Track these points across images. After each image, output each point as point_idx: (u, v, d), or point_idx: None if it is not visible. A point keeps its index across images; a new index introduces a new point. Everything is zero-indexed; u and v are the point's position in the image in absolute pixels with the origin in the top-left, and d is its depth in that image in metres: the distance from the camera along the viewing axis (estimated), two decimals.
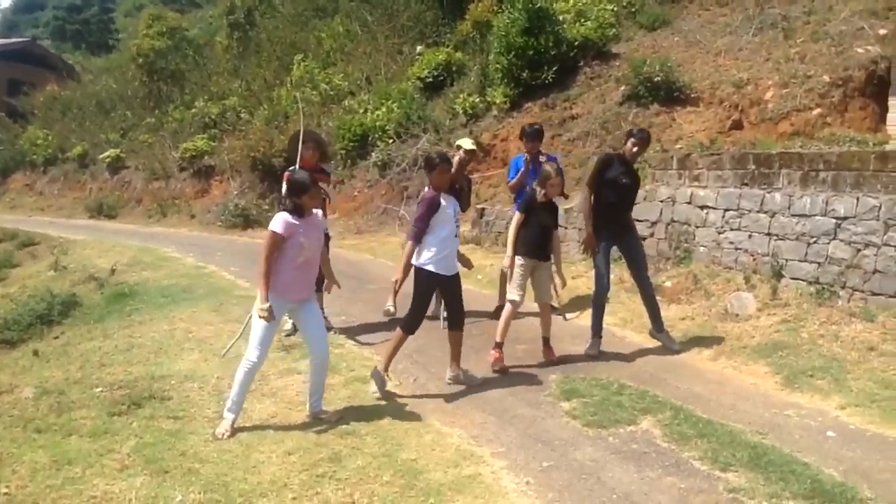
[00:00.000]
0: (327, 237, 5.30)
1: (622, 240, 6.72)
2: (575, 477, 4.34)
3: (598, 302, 6.70)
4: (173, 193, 20.99)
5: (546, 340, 6.45)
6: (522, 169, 7.59)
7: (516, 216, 6.37)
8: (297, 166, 7.43)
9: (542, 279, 6.37)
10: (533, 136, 7.70)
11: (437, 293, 7.04)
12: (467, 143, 7.79)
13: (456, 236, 5.76)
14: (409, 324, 5.74)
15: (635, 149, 6.61)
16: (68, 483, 4.31)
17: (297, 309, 5.25)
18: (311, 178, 5.10)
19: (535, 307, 6.63)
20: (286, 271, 5.01)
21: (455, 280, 5.82)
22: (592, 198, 6.66)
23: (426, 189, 5.81)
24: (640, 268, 6.73)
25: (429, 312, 7.67)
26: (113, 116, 26.95)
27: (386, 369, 5.78)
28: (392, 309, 5.63)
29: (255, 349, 5.04)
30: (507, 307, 6.31)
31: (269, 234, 4.96)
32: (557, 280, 6.56)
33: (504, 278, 6.54)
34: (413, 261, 5.62)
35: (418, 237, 5.59)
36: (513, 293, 6.29)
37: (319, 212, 5.32)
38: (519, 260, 6.27)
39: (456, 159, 7.54)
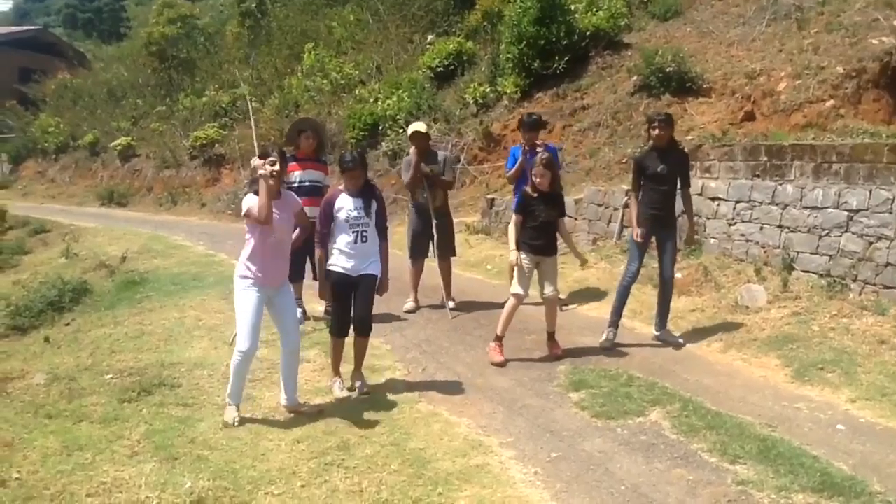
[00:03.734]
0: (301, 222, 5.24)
1: (661, 234, 6.63)
2: (583, 468, 4.34)
3: (621, 289, 6.65)
4: (184, 182, 21.06)
5: (551, 335, 6.40)
6: (520, 159, 7.44)
7: (514, 218, 6.27)
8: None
9: (547, 274, 6.27)
10: (531, 126, 7.56)
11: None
12: (411, 128, 7.67)
13: (360, 241, 5.45)
14: (333, 327, 5.66)
15: (659, 132, 6.50)
16: (79, 469, 4.33)
17: (273, 294, 5.10)
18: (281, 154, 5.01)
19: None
20: (259, 253, 4.96)
21: (360, 281, 5.53)
22: (639, 196, 6.60)
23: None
24: (666, 268, 6.68)
25: (434, 302, 7.72)
26: (124, 104, 27.05)
27: (335, 375, 5.70)
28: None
29: (245, 339, 4.97)
30: (510, 301, 6.25)
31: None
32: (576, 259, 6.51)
33: (512, 271, 6.48)
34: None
35: (321, 241, 5.50)
36: (515, 287, 6.22)
37: (291, 192, 5.30)
38: (521, 255, 6.20)
39: (412, 150, 7.50)
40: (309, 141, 7.40)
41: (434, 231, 7.56)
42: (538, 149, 7.33)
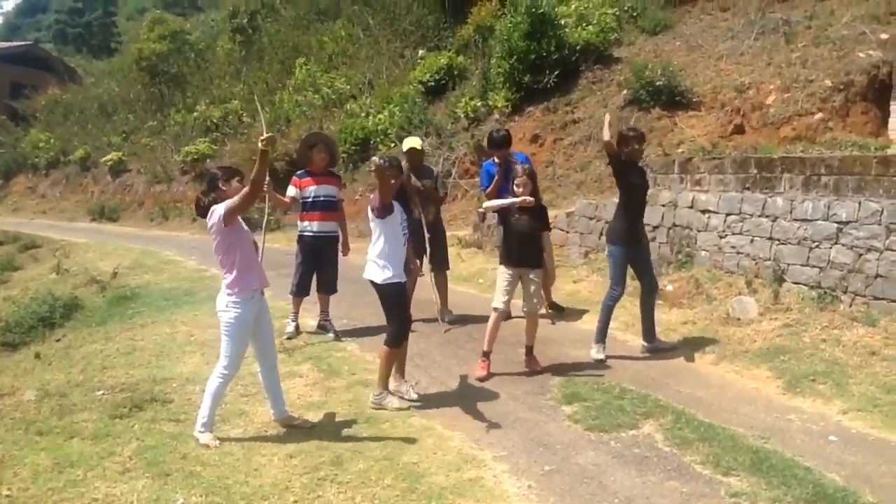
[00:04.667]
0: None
1: (637, 248, 6.65)
2: (576, 481, 4.34)
3: (606, 309, 6.62)
4: (175, 197, 21.00)
5: (529, 349, 6.36)
6: (497, 176, 7.40)
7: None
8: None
9: (531, 288, 6.22)
10: (500, 143, 7.49)
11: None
12: (407, 143, 7.69)
13: (406, 244, 5.58)
14: (398, 336, 5.54)
15: (639, 146, 6.56)
16: (70, 485, 4.31)
17: (258, 309, 5.01)
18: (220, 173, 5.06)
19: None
20: (244, 259, 4.89)
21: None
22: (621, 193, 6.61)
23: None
24: (651, 280, 6.72)
25: (426, 316, 7.71)
26: (115, 119, 27.01)
27: (386, 387, 5.63)
28: None
29: (236, 363, 4.95)
30: (492, 315, 6.22)
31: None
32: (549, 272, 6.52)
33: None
34: (375, 278, 5.43)
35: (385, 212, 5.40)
36: (496, 301, 6.19)
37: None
38: (502, 269, 6.21)
39: (404, 165, 7.51)
40: (321, 155, 7.42)
41: (427, 245, 7.55)
42: (512, 160, 7.32)
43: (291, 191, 7.47)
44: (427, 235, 7.50)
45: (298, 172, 7.59)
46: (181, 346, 7.22)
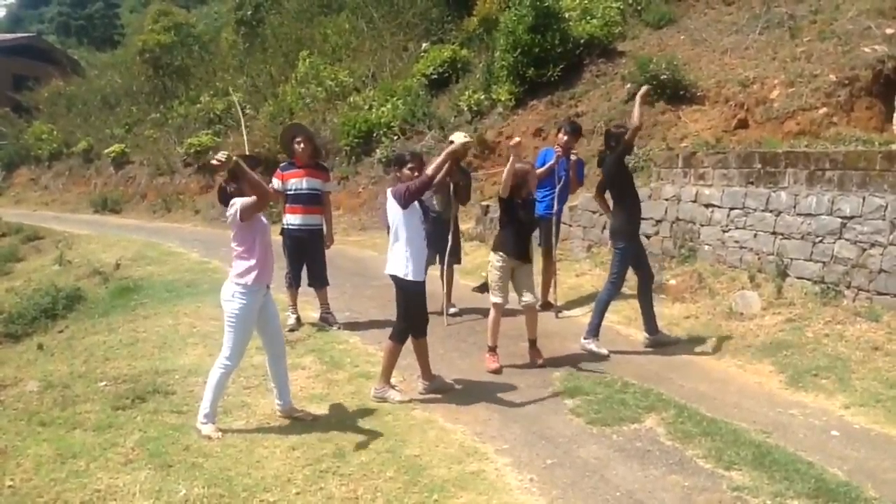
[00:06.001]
0: None
1: (637, 243, 6.70)
2: (579, 474, 4.34)
3: (602, 305, 6.63)
4: (178, 189, 21.00)
5: (532, 342, 6.37)
6: (552, 161, 7.49)
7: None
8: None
9: (523, 281, 6.24)
10: (574, 130, 7.76)
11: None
12: (459, 137, 7.73)
13: (424, 239, 5.60)
14: (419, 328, 5.59)
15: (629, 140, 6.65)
16: (72, 476, 4.32)
17: (262, 300, 5.02)
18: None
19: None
20: (261, 251, 4.89)
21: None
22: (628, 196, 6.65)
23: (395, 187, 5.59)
24: (649, 270, 6.74)
25: (429, 309, 7.67)
26: (118, 111, 26.97)
27: (388, 381, 5.64)
28: None
29: (239, 353, 4.96)
30: (491, 311, 6.23)
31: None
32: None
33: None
34: (398, 273, 5.46)
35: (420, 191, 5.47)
36: (494, 296, 6.21)
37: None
38: (497, 260, 6.20)
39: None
40: (302, 146, 7.37)
41: (451, 237, 7.55)
42: (572, 156, 7.60)
43: (275, 183, 7.42)
44: (452, 228, 7.55)
45: (282, 164, 7.57)
46: (184, 338, 7.22)
